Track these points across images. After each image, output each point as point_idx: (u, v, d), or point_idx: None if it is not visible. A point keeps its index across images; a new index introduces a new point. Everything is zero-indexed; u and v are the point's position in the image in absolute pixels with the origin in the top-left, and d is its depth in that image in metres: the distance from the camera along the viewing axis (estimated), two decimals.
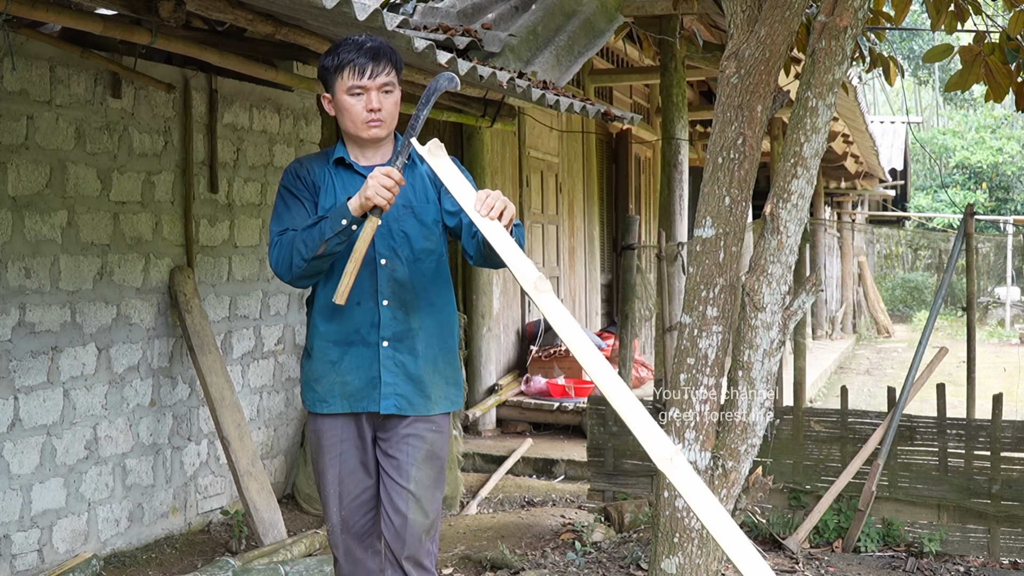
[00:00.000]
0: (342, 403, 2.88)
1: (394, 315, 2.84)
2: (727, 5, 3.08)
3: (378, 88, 2.80)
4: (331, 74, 2.82)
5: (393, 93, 2.84)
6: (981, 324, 17.34)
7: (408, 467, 2.88)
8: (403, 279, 2.85)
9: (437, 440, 2.93)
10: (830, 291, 16.63)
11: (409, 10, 6.02)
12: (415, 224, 2.87)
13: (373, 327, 2.84)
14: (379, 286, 2.84)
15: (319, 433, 2.93)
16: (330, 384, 2.88)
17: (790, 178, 2.98)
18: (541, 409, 7.50)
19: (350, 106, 2.80)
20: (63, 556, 4.46)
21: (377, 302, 2.84)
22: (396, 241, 2.85)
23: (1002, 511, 4.65)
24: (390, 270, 2.84)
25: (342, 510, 2.94)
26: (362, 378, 2.85)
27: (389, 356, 2.84)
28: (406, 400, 2.86)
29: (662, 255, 6.07)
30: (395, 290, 2.84)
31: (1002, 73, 3.83)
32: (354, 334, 2.85)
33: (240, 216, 5.47)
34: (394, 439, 2.89)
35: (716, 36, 7.67)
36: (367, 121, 2.81)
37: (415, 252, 2.87)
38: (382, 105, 2.81)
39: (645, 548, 4.61)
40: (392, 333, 2.84)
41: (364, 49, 2.79)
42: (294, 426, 5.89)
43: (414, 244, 2.87)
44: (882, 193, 20.50)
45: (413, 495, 2.88)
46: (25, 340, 4.29)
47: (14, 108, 4.23)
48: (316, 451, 2.97)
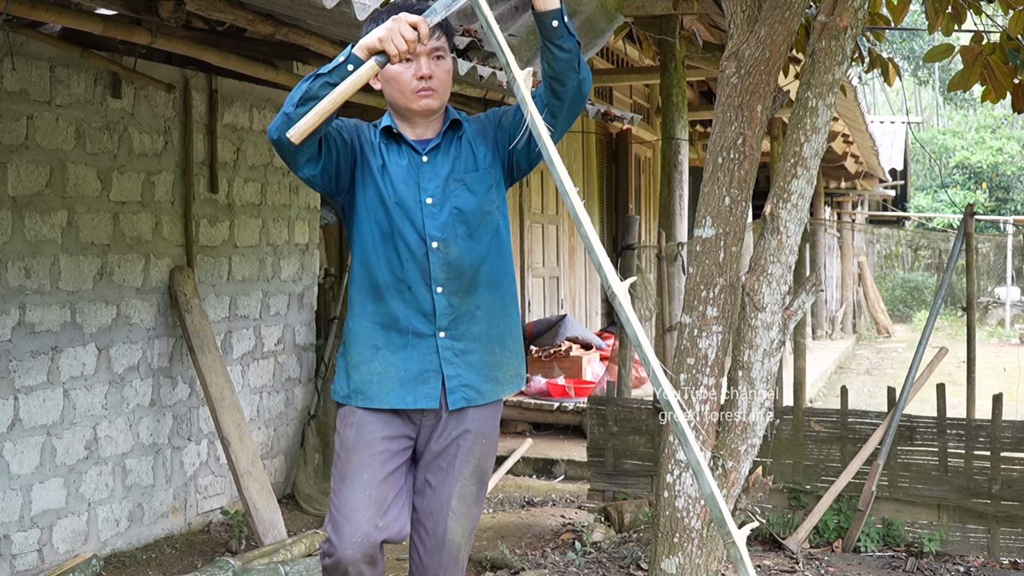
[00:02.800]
0: (385, 397, 2.58)
1: (449, 302, 2.59)
2: (727, 5, 3.08)
3: (428, 53, 2.53)
4: None
5: (445, 60, 2.57)
6: (981, 324, 17.34)
7: (454, 481, 2.63)
8: (458, 261, 2.59)
9: (485, 455, 2.69)
10: (830, 291, 16.63)
11: None
12: (468, 197, 2.61)
13: (426, 317, 2.58)
14: (432, 272, 2.57)
15: (358, 426, 2.59)
16: (371, 373, 2.59)
17: (790, 178, 2.98)
18: (541, 409, 7.50)
19: (397, 74, 2.54)
20: (63, 556, 4.46)
21: (430, 289, 2.57)
22: (449, 219, 2.59)
23: (1002, 511, 4.65)
24: (443, 253, 2.58)
25: (377, 519, 2.54)
26: (412, 370, 2.58)
27: (448, 347, 2.59)
28: (474, 390, 2.62)
29: (662, 255, 6.07)
30: (450, 274, 2.59)
31: (1003, 73, 3.83)
32: (404, 320, 2.59)
33: (240, 216, 5.47)
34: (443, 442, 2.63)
35: (716, 36, 7.66)
36: (417, 91, 2.54)
37: (471, 228, 2.61)
38: (433, 72, 2.54)
39: (645, 548, 4.62)
40: (449, 322, 2.59)
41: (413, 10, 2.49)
42: (294, 426, 5.89)
43: (469, 220, 2.60)
44: (882, 193, 20.50)
45: (455, 514, 2.64)
46: (25, 340, 4.29)
47: (14, 108, 4.23)
48: (347, 448, 2.60)
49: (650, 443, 5.15)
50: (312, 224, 6.00)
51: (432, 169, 2.62)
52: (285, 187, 5.78)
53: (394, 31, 2.30)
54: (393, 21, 2.31)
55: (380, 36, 2.30)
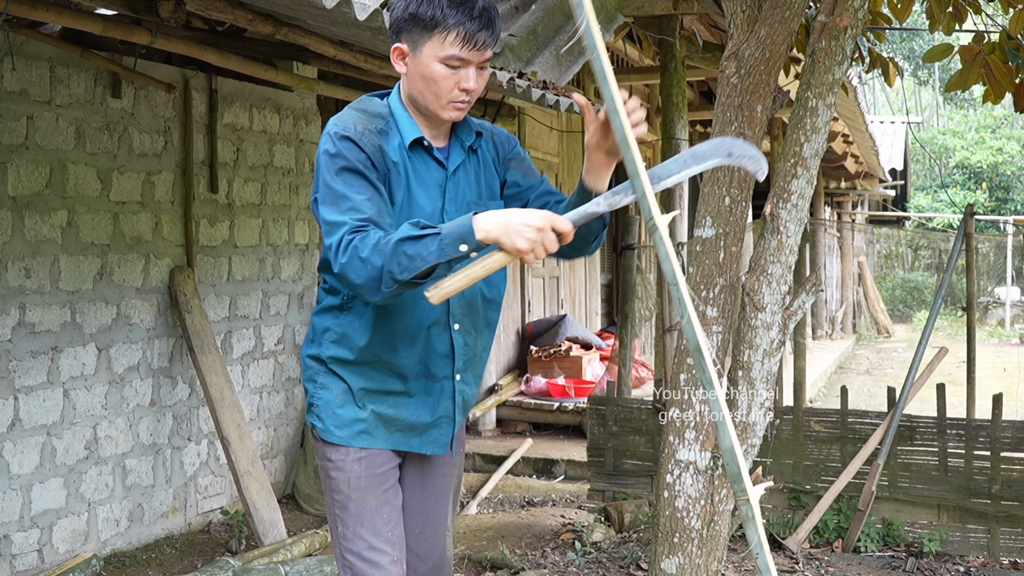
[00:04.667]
0: (388, 438, 2.37)
1: (465, 340, 2.37)
2: (727, 5, 3.08)
3: (480, 63, 2.24)
4: (423, 28, 2.20)
5: (487, 69, 2.29)
6: (981, 324, 17.34)
7: (445, 503, 2.54)
8: (473, 298, 2.37)
9: (463, 463, 2.61)
10: (830, 291, 16.63)
11: None
12: None
13: (445, 358, 2.35)
14: (451, 308, 2.33)
15: (367, 461, 2.35)
16: (382, 415, 2.35)
17: (790, 178, 2.98)
18: (541, 409, 7.50)
19: (441, 78, 2.22)
20: (63, 556, 4.45)
21: (449, 327, 2.33)
22: None
23: (1002, 511, 4.65)
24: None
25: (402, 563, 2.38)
26: (426, 417, 2.38)
27: (460, 391, 2.39)
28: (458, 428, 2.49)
29: None
30: (465, 311, 2.36)
31: (1002, 72, 3.83)
32: (419, 365, 2.33)
33: (240, 216, 5.47)
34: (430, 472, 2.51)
35: (716, 36, 7.66)
36: (455, 101, 2.25)
37: None
38: (477, 85, 2.26)
39: (645, 548, 4.61)
40: (463, 363, 2.38)
41: (476, 10, 2.19)
42: (294, 426, 5.89)
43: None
44: (882, 193, 20.49)
45: (448, 530, 2.57)
46: (25, 340, 4.29)
47: (14, 108, 4.23)
48: (358, 487, 2.35)
49: (650, 443, 5.14)
50: (312, 224, 6.00)
51: (455, 190, 2.35)
52: (285, 187, 5.78)
53: (537, 244, 1.99)
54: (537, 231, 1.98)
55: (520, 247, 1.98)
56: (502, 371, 8.07)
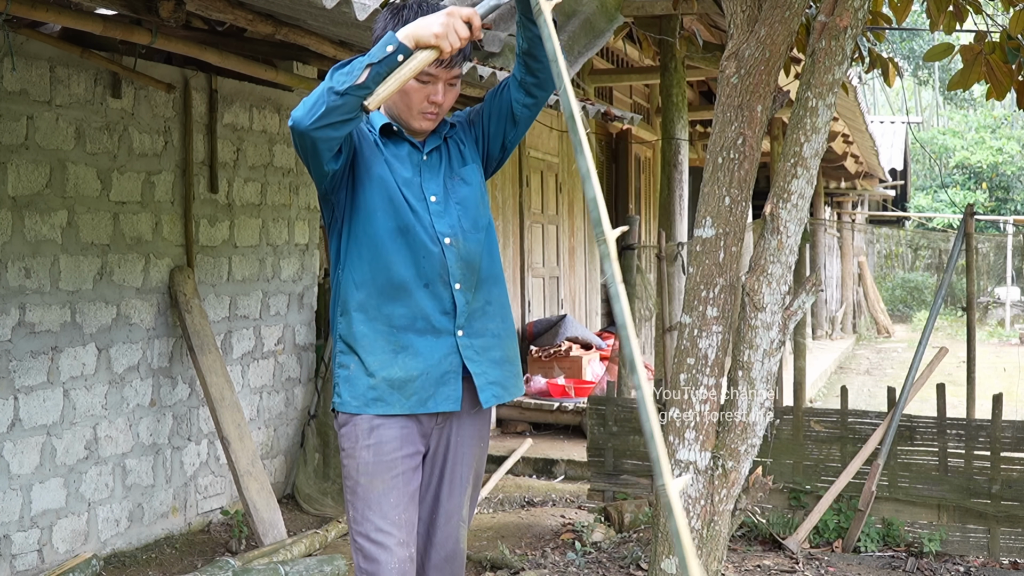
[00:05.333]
0: (406, 402, 2.47)
1: (466, 298, 2.52)
2: (727, 5, 3.08)
3: (447, 79, 2.46)
4: None
5: (457, 86, 2.51)
6: (981, 324, 17.34)
7: (462, 493, 2.59)
8: (468, 255, 2.54)
9: (483, 459, 2.67)
10: (830, 291, 16.63)
11: None
12: (467, 190, 2.58)
13: (446, 314, 2.50)
14: (449, 267, 2.50)
15: (376, 448, 2.47)
16: (391, 379, 2.47)
17: (790, 178, 2.98)
18: (541, 409, 7.50)
19: (412, 91, 2.44)
20: (63, 556, 4.45)
21: (449, 286, 2.50)
22: (454, 215, 2.54)
23: (1002, 511, 4.65)
24: (456, 248, 2.52)
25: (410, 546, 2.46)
26: (435, 372, 2.48)
27: (468, 345, 2.51)
28: (501, 387, 2.56)
29: (662, 255, 6.07)
30: (464, 270, 2.52)
31: (1003, 71, 3.82)
32: (421, 321, 2.48)
33: (240, 216, 5.47)
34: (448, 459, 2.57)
35: (716, 36, 7.66)
36: (424, 112, 2.48)
37: (473, 221, 2.56)
38: (445, 99, 2.49)
39: (645, 548, 4.61)
40: (465, 319, 2.51)
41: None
42: (294, 426, 5.89)
43: (471, 212, 2.57)
44: (882, 193, 20.50)
45: (464, 522, 2.59)
46: (25, 340, 4.29)
47: (14, 108, 4.23)
48: (367, 472, 2.46)
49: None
50: (312, 224, 6.00)
51: (431, 168, 2.57)
52: (285, 187, 5.78)
53: (450, 27, 2.22)
54: (447, 16, 2.22)
55: (436, 32, 2.21)
56: None
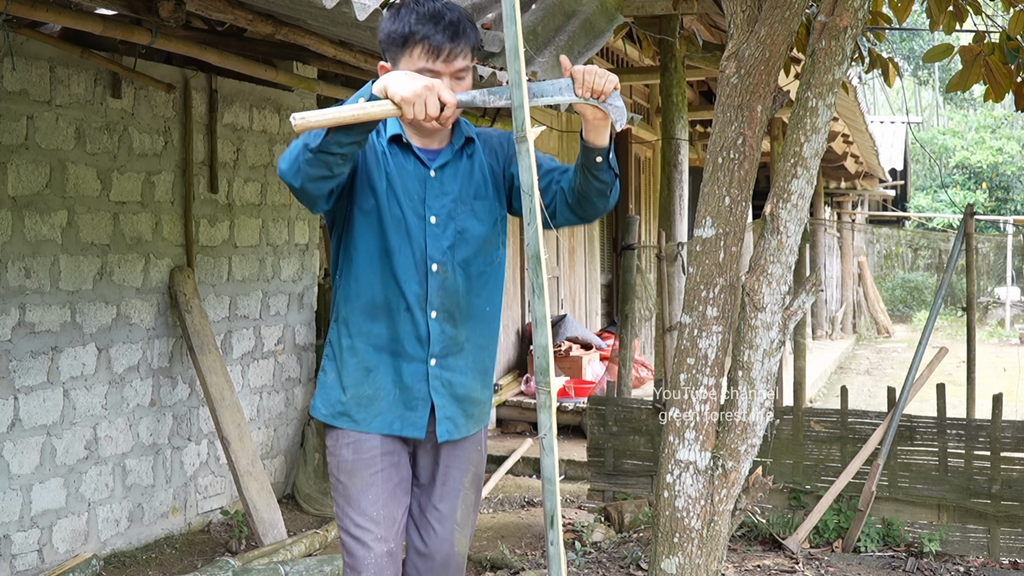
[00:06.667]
0: (372, 421, 2.50)
1: (443, 328, 2.48)
2: (727, 5, 3.08)
3: (452, 73, 2.36)
4: (397, 46, 2.36)
5: (466, 79, 2.39)
6: (981, 324, 17.34)
7: (455, 496, 2.59)
8: (455, 287, 2.48)
9: (481, 462, 2.66)
10: (830, 291, 16.63)
11: None
12: (474, 224, 2.50)
13: (419, 341, 2.48)
14: (429, 295, 2.46)
15: (355, 446, 2.51)
16: (360, 396, 2.50)
17: (790, 178, 2.98)
18: None
19: None
20: (63, 556, 4.45)
21: (425, 313, 2.46)
22: (451, 243, 2.47)
23: (1002, 511, 4.65)
24: (442, 277, 2.47)
25: (390, 541, 2.48)
26: (402, 396, 2.49)
27: (437, 375, 2.49)
28: (453, 424, 2.54)
29: (662, 255, 6.07)
30: (445, 300, 2.48)
31: (1002, 73, 3.82)
32: (396, 344, 2.48)
33: (240, 216, 5.47)
34: (439, 462, 2.59)
35: (716, 36, 7.66)
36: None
37: (472, 256, 2.50)
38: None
39: (645, 548, 4.61)
40: (440, 349, 2.49)
41: (443, 23, 2.31)
42: (294, 426, 5.89)
43: (472, 247, 2.50)
44: (882, 193, 20.50)
45: (459, 526, 2.60)
46: (25, 340, 4.29)
47: (14, 108, 4.23)
48: (347, 470, 2.50)
49: (650, 443, 5.15)
50: (312, 224, 6.00)
51: (439, 186, 2.48)
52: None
53: (421, 98, 2.14)
54: (426, 87, 2.14)
55: (404, 96, 2.12)
56: (502, 371, 8.07)
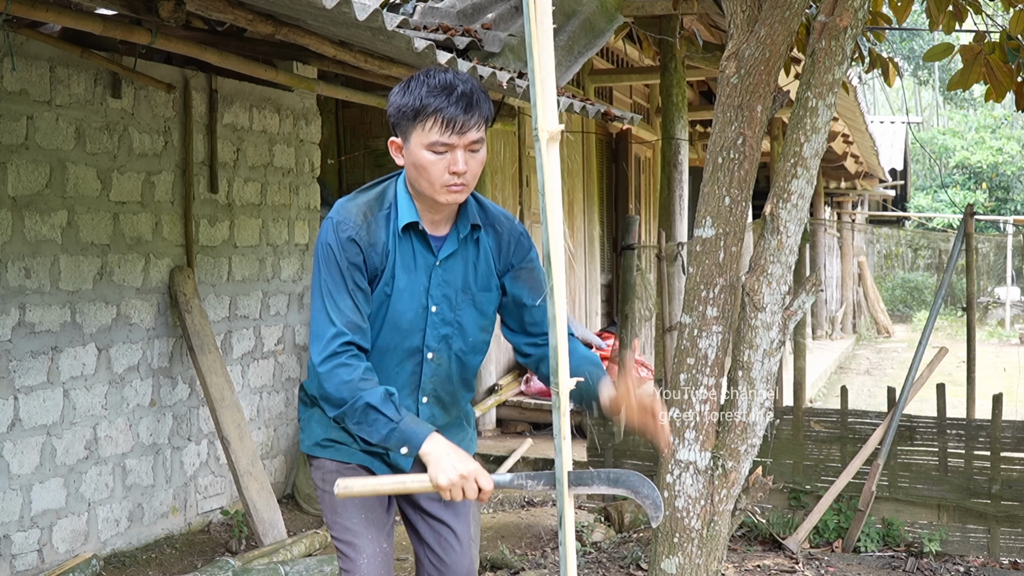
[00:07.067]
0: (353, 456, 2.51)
1: (432, 413, 2.47)
2: (727, 5, 3.08)
3: (466, 146, 2.28)
4: (408, 119, 2.29)
5: (480, 151, 2.32)
6: (981, 324, 17.33)
7: (466, 513, 2.60)
8: (447, 375, 2.47)
9: None
10: (830, 291, 16.63)
11: (409, 10, 6.03)
12: (473, 314, 2.46)
13: None
14: (422, 382, 2.45)
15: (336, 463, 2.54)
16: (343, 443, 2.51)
17: (790, 178, 2.98)
18: (541, 409, 7.49)
19: (429, 164, 2.28)
20: (63, 556, 4.45)
21: (417, 399, 2.45)
22: (449, 332, 2.44)
23: (1002, 511, 4.65)
24: (436, 364, 2.44)
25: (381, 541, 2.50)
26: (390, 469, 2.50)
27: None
28: None
29: (662, 255, 6.07)
30: (437, 386, 2.47)
31: (1003, 72, 3.83)
32: None
33: (240, 216, 5.47)
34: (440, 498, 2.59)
35: (716, 36, 7.66)
36: (448, 184, 2.29)
37: (467, 345, 2.47)
38: (468, 167, 2.29)
39: (645, 548, 4.61)
40: None
41: (456, 96, 2.26)
42: (294, 426, 5.89)
43: (468, 337, 2.46)
44: (882, 193, 20.50)
45: (473, 540, 2.62)
46: (25, 340, 4.29)
47: (14, 108, 4.23)
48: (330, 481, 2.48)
49: (650, 443, 5.14)
50: (312, 224, 6.00)
51: (443, 275, 2.43)
52: (285, 187, 5.78)
53: (458, 487, 2.19)
54: (462, 477, 2.18)
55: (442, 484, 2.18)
56: (502, 371, 8.07)
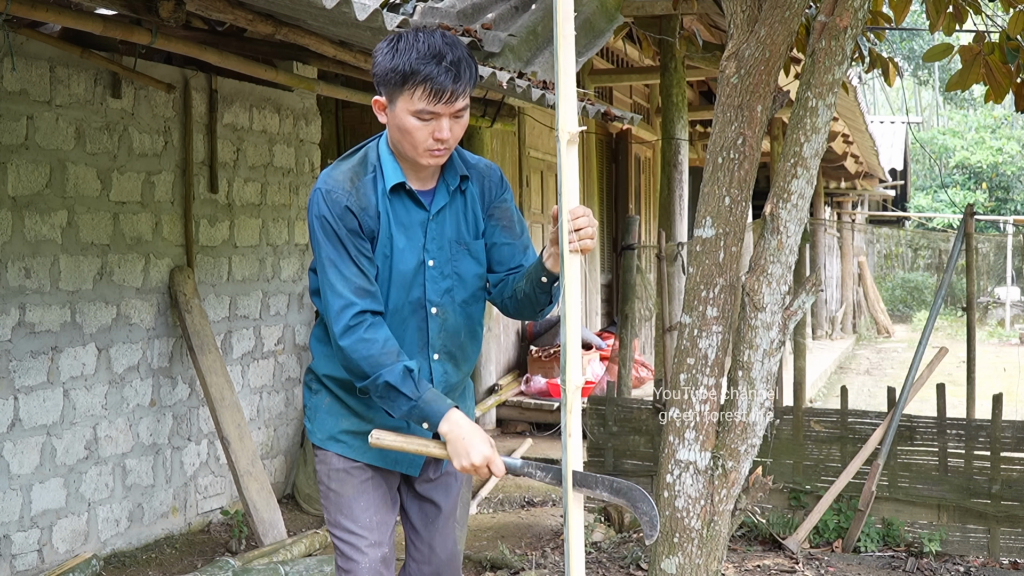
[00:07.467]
0: (365, 454, 2.50)
1: (445, 369, 2.49)
2: (727, 5, 3.08)
3: (452, 114, 2.31)
4: (395, 84, 2.28)
5: (464, 116, 2.34)
6: (981, 324, 17.34)
7: (453, 502, 2.66)
8: (454, 328, 2.48)
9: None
10: (830, 291, 16.63)
11: (409, 10, 6.02)
12: (470, 263, 2.48)
13: None
14: (430, 338, 2.46)
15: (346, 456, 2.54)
16: (355, 428, 2.51)
17: (790, 178, 2.98)
18: (541, 409, 7.50)
19: (414, 129, 2.30)
20: (63, 556, 4.46)
21: (428, 356, 2.46)
22: (449, 285, 2.46)
23: (1002, 511, 4.65)
24: (442, 319, 2.46)
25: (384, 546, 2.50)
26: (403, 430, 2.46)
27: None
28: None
29: (662, 255, 6.07)
30: (446, 341, 2.48)
31: (1002, 73, 3.82)
32: None
33: (240, 216, 5.47)
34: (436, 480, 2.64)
35: (716, 36, 7.66)
36: (430, 149, 2.33)
37: (468, 296, 2.49)
38: (452, 132, 2.32)
39: (645, 548, 4.61)
40: (442, 390, 2.47)
41: (446, 64, 2.25)
42: (294, 426, 5.89)
43: (468, 286, 2.49)
44: (882, 193, 20.51)
45: (459, 523, 2.70)
46: (25, 340, 4.29)
47: (14, 108, 4.23)
48: (338, 479, 2.51)
49: (650, 443, 5.15)
50: None
51: (437, 228, 2.45)
52: (285, 187, 5.78)
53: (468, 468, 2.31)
54: (482, 457, 2.30)
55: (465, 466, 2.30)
56: (502, 371, 8.07)
